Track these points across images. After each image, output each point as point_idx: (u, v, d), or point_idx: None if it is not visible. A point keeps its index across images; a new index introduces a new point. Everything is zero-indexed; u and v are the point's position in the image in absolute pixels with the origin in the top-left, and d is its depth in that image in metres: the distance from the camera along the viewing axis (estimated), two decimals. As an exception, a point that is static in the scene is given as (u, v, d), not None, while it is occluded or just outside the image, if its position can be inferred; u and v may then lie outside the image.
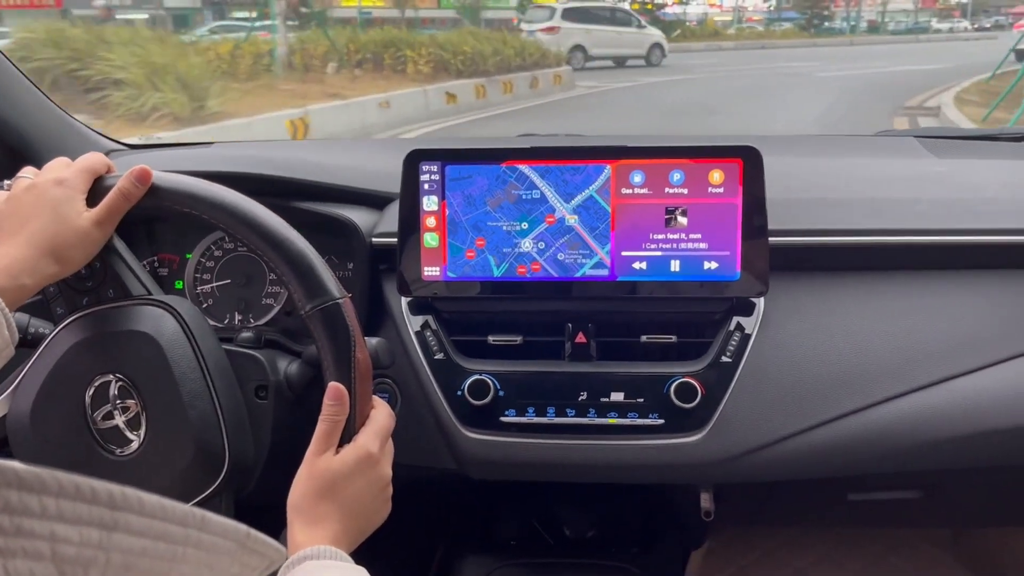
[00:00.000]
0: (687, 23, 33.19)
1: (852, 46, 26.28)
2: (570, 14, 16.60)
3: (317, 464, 0.76)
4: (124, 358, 0.82)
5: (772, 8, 43.14)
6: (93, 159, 0.82)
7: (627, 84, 13.61)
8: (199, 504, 0.81)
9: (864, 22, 39.32)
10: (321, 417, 0.77)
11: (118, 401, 0.81)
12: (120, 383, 0.81)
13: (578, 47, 16.08)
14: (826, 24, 35.20)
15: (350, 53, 11.96)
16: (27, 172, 0.82)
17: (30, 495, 0.23)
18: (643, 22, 18.96)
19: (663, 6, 34.48)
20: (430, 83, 10.60)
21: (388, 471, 0.81)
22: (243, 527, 0.30)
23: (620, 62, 17.05)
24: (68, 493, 0.24)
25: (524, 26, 17.33)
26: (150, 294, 0.86)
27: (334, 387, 0.77)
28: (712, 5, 42.43)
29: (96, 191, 0.80)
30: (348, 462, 0.77)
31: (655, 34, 18.51)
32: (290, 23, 13.13)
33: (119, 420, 0.81)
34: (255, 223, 0.79)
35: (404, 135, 8.00)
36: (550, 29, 16.10)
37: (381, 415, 0.82)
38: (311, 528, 0.74)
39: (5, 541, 0.22)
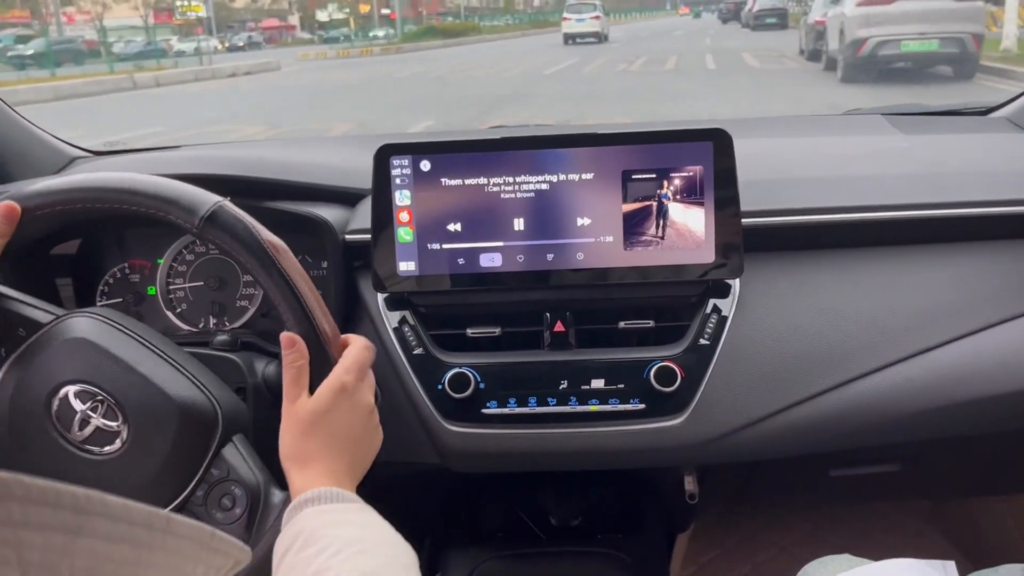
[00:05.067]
0: None
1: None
2: None
3: (294, 409, 0.78)
4: (67, 367, 0.81)
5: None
6: None
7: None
8: (217, 461, 0.81)
9: (81, 44, 24.56)
10: (283, 367, 0.78)
11: (83, 405, 0.80)
12: (76, 388, 0.80)
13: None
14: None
15: None
16: None
17: None
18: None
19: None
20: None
21: (368, 398, 0.82)
22: (207, 528, 0.30)
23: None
24: (33, 498, 0.23)
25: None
26: (56, 316, 0.85)
27: (284, 336, 0.79)
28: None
29: None
30: (323, 397, 0.78)
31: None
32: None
33: (97, 420, 0.80)
34: (106, 188, 0.80)
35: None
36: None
37: (353, 350, 0.83)
38: (304, 470, 0.75)
39: None
